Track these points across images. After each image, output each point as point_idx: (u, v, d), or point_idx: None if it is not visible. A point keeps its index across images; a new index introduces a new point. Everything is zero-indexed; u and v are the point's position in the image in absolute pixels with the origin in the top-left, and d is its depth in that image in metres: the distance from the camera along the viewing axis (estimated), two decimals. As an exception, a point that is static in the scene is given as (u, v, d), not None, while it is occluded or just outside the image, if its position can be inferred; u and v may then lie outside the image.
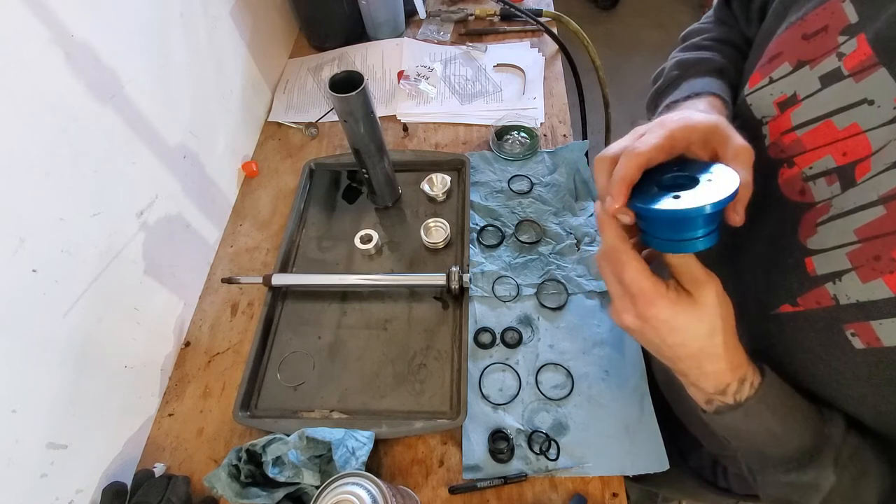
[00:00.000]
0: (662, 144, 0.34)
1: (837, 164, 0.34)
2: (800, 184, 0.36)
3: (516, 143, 0.83)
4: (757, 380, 0.37)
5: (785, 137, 0.38)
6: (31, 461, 0.48)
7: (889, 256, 0.31)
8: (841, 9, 0.34)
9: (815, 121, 0.35)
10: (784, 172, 0.38)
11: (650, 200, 0.33)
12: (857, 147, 0.33)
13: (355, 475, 0.42)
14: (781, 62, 0.38)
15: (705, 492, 0.66)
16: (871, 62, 0.32)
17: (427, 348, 0.65)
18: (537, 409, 0.59)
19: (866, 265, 0.32)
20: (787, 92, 0.38)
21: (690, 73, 0.48)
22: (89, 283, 0.54)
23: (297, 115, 0.93)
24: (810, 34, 0.36)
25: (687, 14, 2.45)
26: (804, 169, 0.36)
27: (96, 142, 0.54)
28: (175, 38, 0.67)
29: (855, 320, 0.33)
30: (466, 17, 1.02)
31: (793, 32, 0.38)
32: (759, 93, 0.40)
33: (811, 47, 0.36)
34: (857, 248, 0.32)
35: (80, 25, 0.50)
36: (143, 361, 0.62)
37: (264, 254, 0.77)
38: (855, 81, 0.33)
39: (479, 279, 0.69)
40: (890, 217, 0.31)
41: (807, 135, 0.36)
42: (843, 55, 0.34)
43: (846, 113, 0.34)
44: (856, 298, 0.33)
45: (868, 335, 0.32)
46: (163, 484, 0.54)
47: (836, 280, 0.33)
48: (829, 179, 0.35)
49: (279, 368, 0.65)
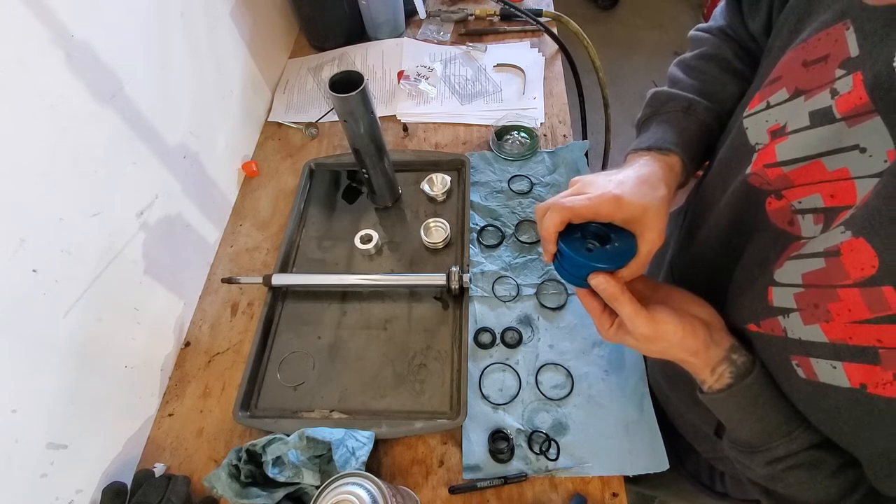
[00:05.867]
0: (585, 213, 0.40)
1: (825, 205, 0.34)
2: (789, 215, 0.37)
3: (516, 143, 0.83)
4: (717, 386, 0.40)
5: (769, 171, 0.37)
6: (31, 461, 0.48)
7: (825, 307, 0.32)
8: (844, 38, 0.33)
9: (803, 159, 0.35)
10: (772, 202, 0.38)
11: (570, 242, 0.41)
12: (844, 192, 0.33)
13: (355, 475, 0.42)
14: (780, 87, 0.37)
15: (702, 496, 0.66)
16: (866, 109, 0.31)
17: (427, 348, 0.65)
18: (537, 409, 0.59)
19: (807, 309, 0.34)
20: (780, 121, 0.37)
21: (662, 112, 0.52)
22: (89, 283, 0.54)
23: (297, 115, 0.93)
24: (810, 61, 0.35)
25: (687, 14, 2.45)
26: (793, 202, 0.36)
27: (96, 142, 0.54)
28: (175, 38, 0.67)
29: (798, 354, 0.35)
30: (466, 17, 1.02)
31: (795, 56, 0.37)
32: (755, 117, 0.40)
33: (809, 76, 0.35)
34: (801, 292, 0.34)
35: (80, 25, 0.50)
36: (143, 361, 0.62)
37: (264, 254, 0.77)
38: (847, 126, 0.32)
39: (479, 279, 0.69)
40: (828, 271, 0.32)
41: (794, 172, 0.36)
42: (836, 93, 0.32)
43: (837, 156, 0.33)
44: (798, 336, 0.34)
45: (808, 369, 0.34)
46: (163, 484, 0.54)
47: (786, 315, 0.35)
48: (816, 218, 0.35)
49: (279, 368, 0.65)
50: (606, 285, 0.40)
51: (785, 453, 0.38)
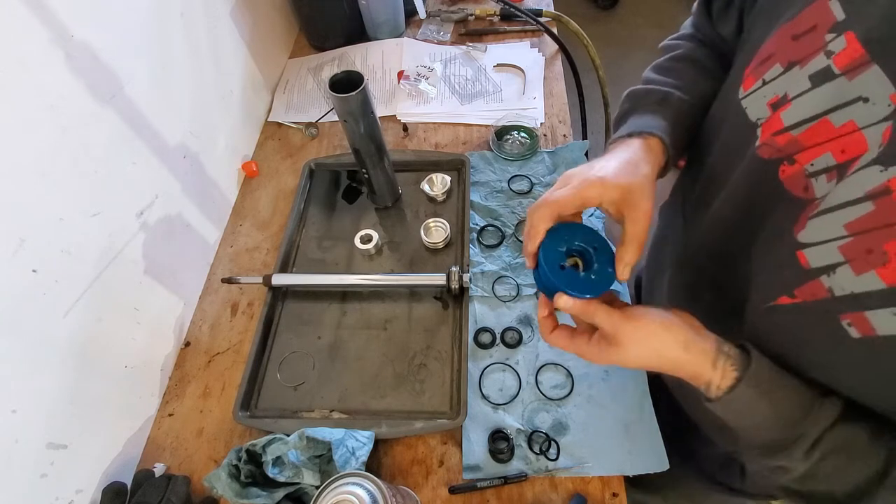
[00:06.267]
0: (573, 201, 0.41)
1: (837, 162, 0.35)
2: (803, 180, 0.37)
3: (516, 143, 0.83)
4: (726, 383, 0.38)
5: (778, 138, 0.38)
6: (31, 461, 0.48)
7: (881, 249, 0.31)
8: (828, 8, 0.35)
9: (810, 120, 0.36)
10: (785, 169, 0.38)
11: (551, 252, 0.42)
12: (854, 144, 0.33)
13: (355, 475, 0.42)
14: (773, 63, 0.39)
15: (713, 493, 0.65)
16: (863, 60, 0.32)
17: (427, 348, 0.65)
18: (537, 409, 0.59)
19: (859, 258, 0.33)
20: (778, 93, 0.38)
21: (638, 106, 0.53)
22: (89, 283, 0.54)
23: (297, 115, 0.93)
24: (799, 34, 0.37)
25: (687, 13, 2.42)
26: (806, 166, 0.36)
27: (96, 142, 0.54)
28: (175, 38, 0.67)
29: (850, 310, 0.34)
30: (466, 17, 1.02)
31: (783, 33, 0.39)
32: (753, 95, 0.41)
33: (800, 47, 0.37)
34: (848, 242, 0.33)
35: (80, 25, 0.50)
36: (143, 361, 0.62)
37: (264, 254, 0.77)
38: (848, 80, 0.33)
39: (479, 279, 0.69)
40: (879, 213, 0.32)
41: (803, 134, 0.36)
42: (831, 53, 0.34)
43: (841, 111, 0.34)
44: (850, 290, 0.33)
45: (863, 325, 0.33)
46: (163, 484, 0.54)
47: (830, 273, 0.34)
48: (829, 176, 0.35)
49: (279, 368, 0.65)
50: (572, 307, 0.41)
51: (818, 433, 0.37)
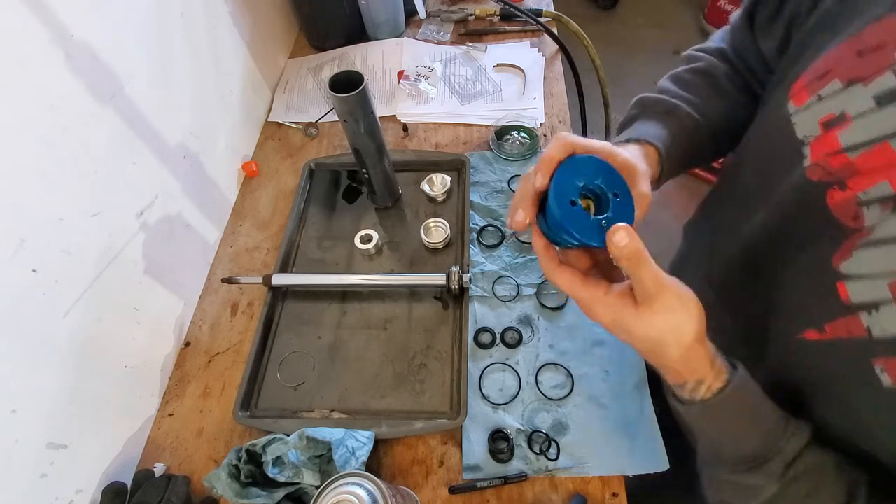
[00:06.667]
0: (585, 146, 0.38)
1: (895, 191, 0.31)
2: (854, 208, 0.34)
3: (516, 143, 0.83)
4: (717, 385, 0.36)
5: (832, 160, 0.35)
6: (31, 461, 0.48)
7: None
8: None
9: (870, 143, 0.33)
10: (834, 195, 0.35)
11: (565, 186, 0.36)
12: None
13: (355, 475, 0.42)
14: (831, 79, 0.36)
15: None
16: None
17: (427, 348, 0.65)
18: (537, 409, 0.59)
19: None
20: (834, 111, 0.35)
21: (645, 114, 0.53)
22: (89, 283, 0.54)
23: (297, 115, 0.93)
24: (866, 51, 0.34)
25: (687, 14, 2.45)
26: (859, 193, 0.34)
27: (96, 142, 0.54)
28: (175, 38, 0.67)
29: (886, 355, 0.31)
30: (466, 17, 1.02)
31: (845, 49, 0.36)
32: (806, 112, 0.38)
33: (865, 64, 0.34)
34: None
35: (80, 25, 0.50)
36: (143, 361, 0.62)
37: (264, 254, 0.77)
38: None
39: (479, 279, 0.69)
40: None
41: (860, 157, 0.34)
42: None
43: None
44: (893, 332, 0.30)
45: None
46: (163, 484, 0.54)
47: (873, 310, 0.31)
48: (885, 206, 0.32)
49: (279, 368, 0.65)
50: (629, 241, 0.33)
51: (795, 451, 0.35)
